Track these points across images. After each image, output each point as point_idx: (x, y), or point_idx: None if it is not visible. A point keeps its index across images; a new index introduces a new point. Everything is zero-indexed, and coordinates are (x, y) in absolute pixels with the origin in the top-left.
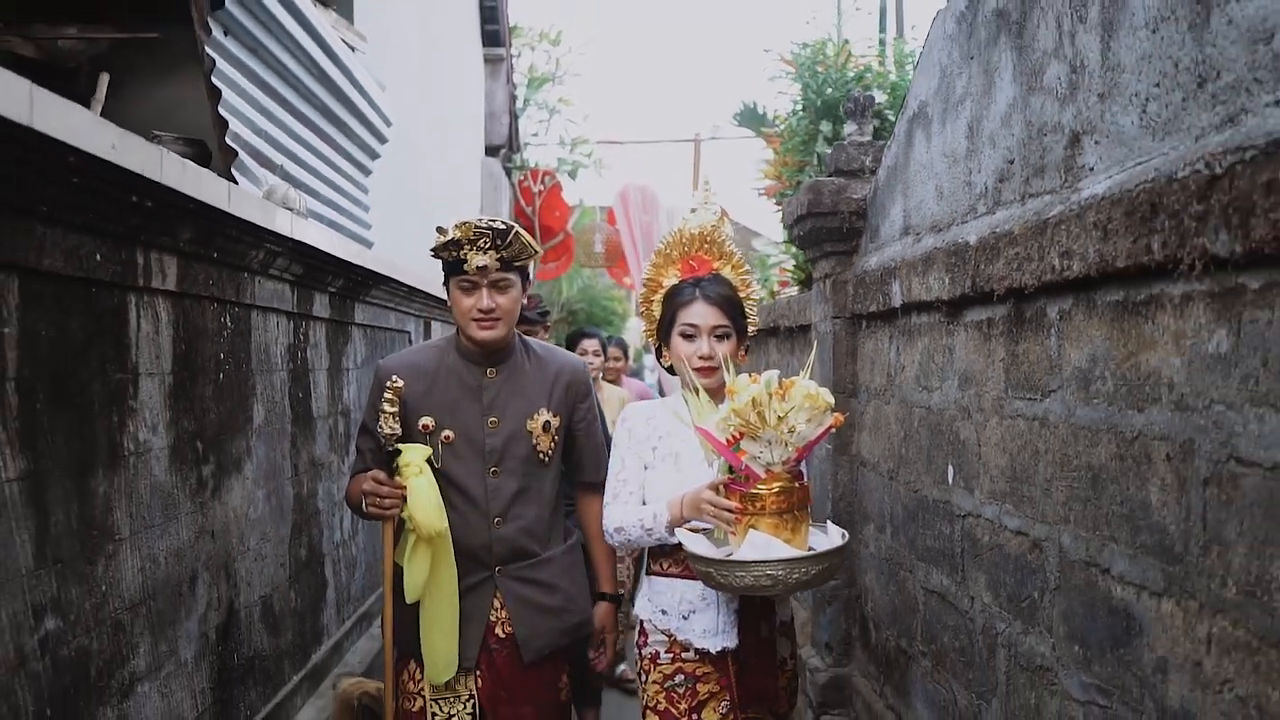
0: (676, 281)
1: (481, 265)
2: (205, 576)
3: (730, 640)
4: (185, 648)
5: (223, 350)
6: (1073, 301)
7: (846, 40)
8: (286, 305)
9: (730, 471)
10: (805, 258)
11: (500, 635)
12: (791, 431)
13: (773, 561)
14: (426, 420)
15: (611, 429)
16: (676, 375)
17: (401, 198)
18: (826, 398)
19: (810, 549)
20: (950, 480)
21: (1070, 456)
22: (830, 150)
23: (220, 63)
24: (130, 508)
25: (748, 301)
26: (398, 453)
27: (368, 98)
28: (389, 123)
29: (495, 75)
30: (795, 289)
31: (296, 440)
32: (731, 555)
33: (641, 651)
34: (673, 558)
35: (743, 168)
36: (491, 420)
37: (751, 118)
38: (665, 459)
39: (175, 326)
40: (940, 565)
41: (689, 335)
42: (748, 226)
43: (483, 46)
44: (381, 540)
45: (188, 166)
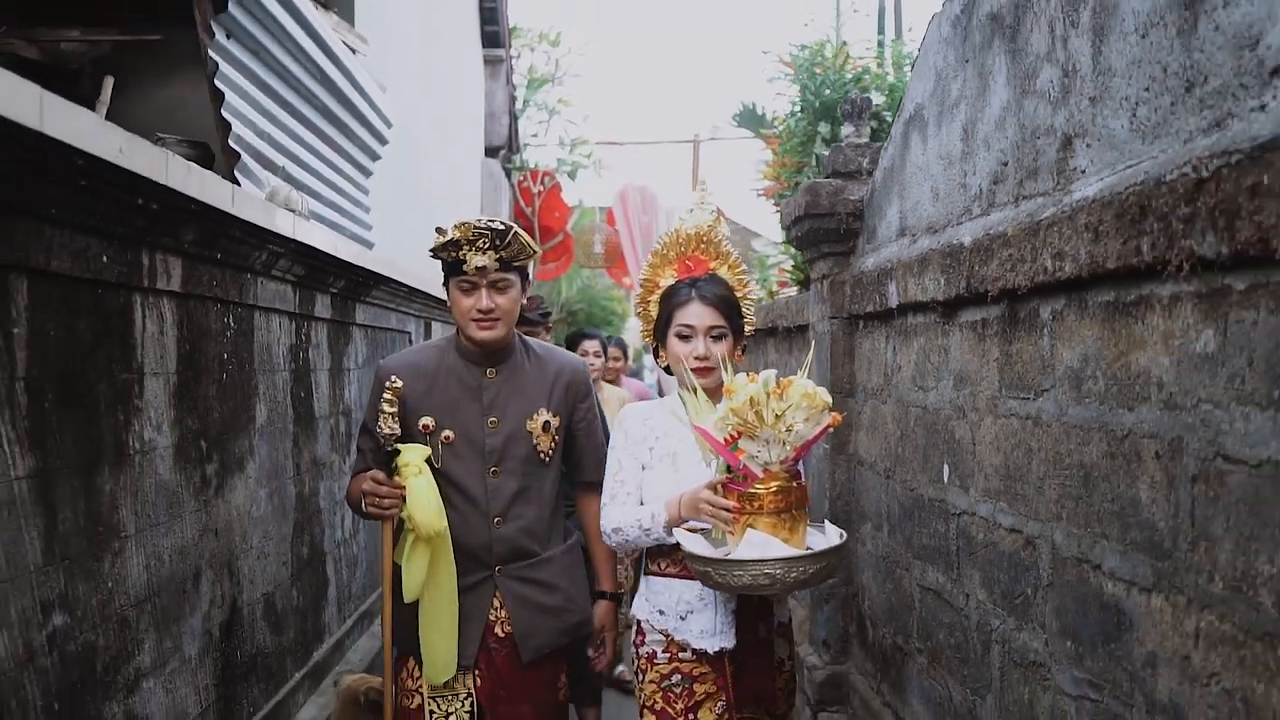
0: (673, 282)
1: (481, 265)
2: (209, 574)
3: (728, 641)
4: (189, 644)
5: (226, 350)
6: (1065, 302)
7: (845, 42)
8: (289, 306)
9: (728, 471)
10: (803, 258)
11: (499, 635)
12: (789, 430)
13: (771, 561)
14: (426, 420)
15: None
16: (674, 375)
17: (402, 199)
18: (824, 397)
19: (808, 548)
20: (946, 479)
21: (1062, 455)
22: (828, 152)
23: (223, 66)
24: (136, 506)
25: (744, 301)
26: (397, 453)
27: (369, 99)
28: (389, 124)
29: (495, 76)
30: (794, 289)
31: (298, 440)
32: (729, 555)
33: (639, 651)
34: (670, 558)
35: (742, 168)
36: (491, 420)
37: (751, 119)
38: (662, 459)
39: (180, 327)
40: (936, 563)
41: (685, 336)
42: (747, 227)
43: (482, 47)
44: (381, 539)
45: (192, 169)
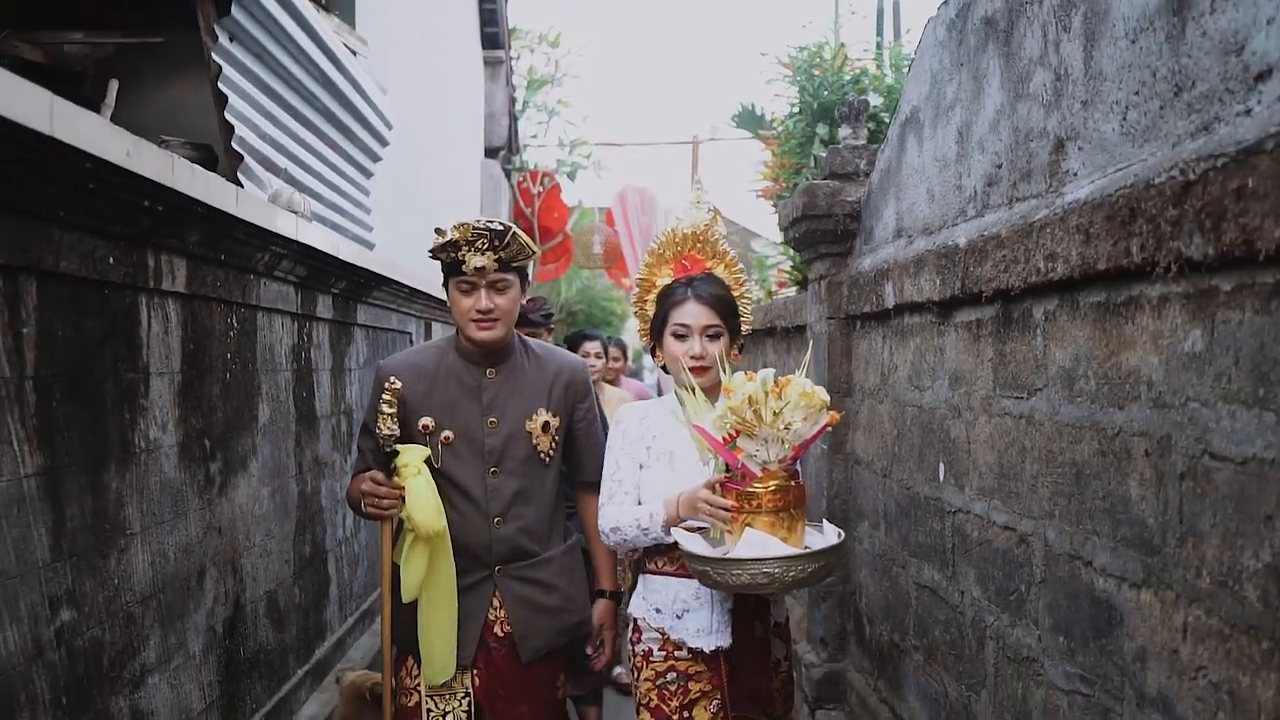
0: (669, 281)
1: (480, 266)
2: (213, 571)
3: (723, 640)
4: (193, 641)
5: (229, 350)
6: (1057, 302)
7: (843, 44)
8: (291, 306)
9: (726, 470)
10: (801, 259)
11: (499, 634)
12: (788, 429)
13: (769, 560)
14: (426, 421)
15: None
16: (671, 374)
17: (402, 200)
18: (822, 395)
19: (806, 547)
20: (941, 477)
21: (1055, 453)
22: (826, 153)
23: (226, 68)
24: (141, 503)
25: (741, 300)
26: (396, 453)
27: (369, 101)
28: (390, 126)
29: (495, 77)
30: (793, 290)
31: (300, 439)
32: (728, 554)
33: (635, 649)
34: (668, 556)
35: (741, 169)
36: (491, 420)
37: (750, 120)
38: (660, 458)
39: (184, 327)
40: (932, 561)
41: (681, 335)
42: (746, 227)
43: (482, 49)
44: (381, 538)
45: (197, 171)
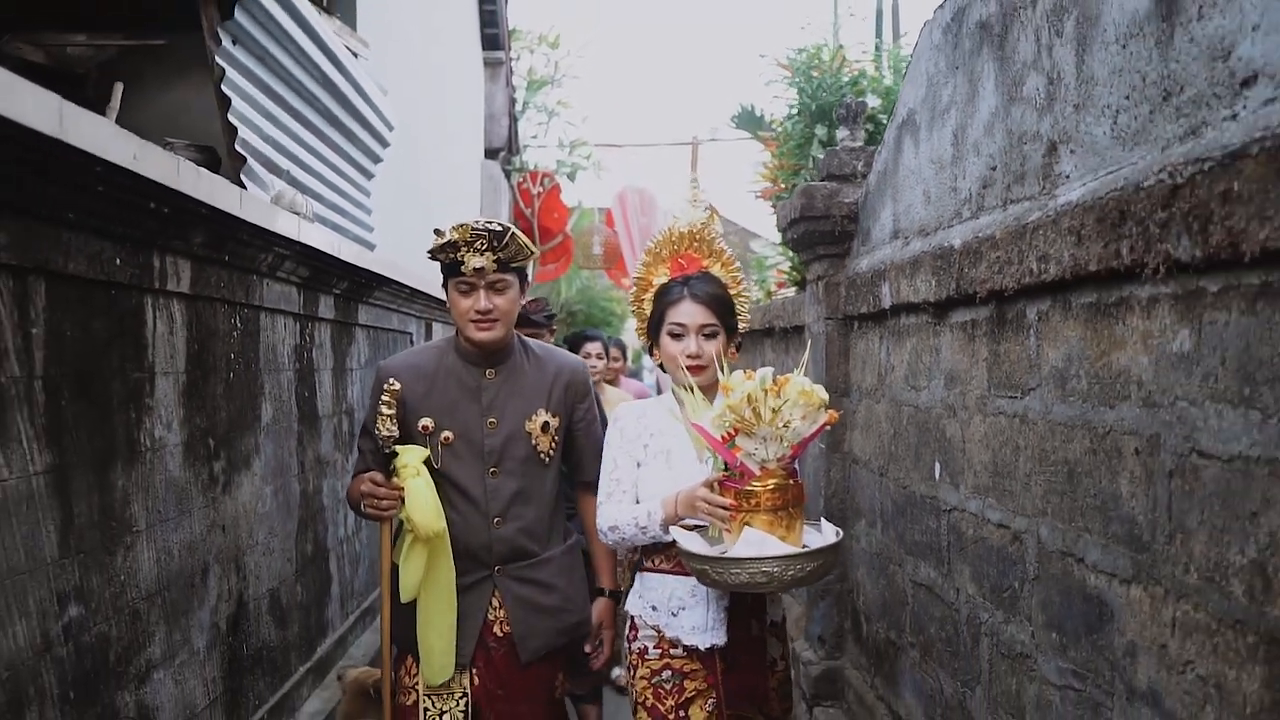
0: (666, 280)
1: (479, 267)
2: (216, 569)
3: (719, 638)
4: (198, 637)
5: (233, 350)
6: (1050, 303)
7: (841, 46)
8: (293, 307)
9: (725, 468)
10: (799, 260)
11: (498, 634)
12: (786, 427)
13: (768, 559)
14: (426, 421)
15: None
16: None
17: (403, 200)
18: (821, 394)
19: (805, 546)
20: (937, 476)
21: (1048, 452)
22: (824, 155)
23: (229, 71)
24: (147, 501)
25: (738, 299)
26: (395, 454)
27: (370, 103)
28: (391, 127)
29: (495, 78)
30: (792, 290)
31: (303, 438)
32: (726, 552)
33: (631, 646)
34: (664, 553)
35: (741, 170)
36: (490, 421)
37: (749, 120)
38: (657, 456)
39: (189, 327)
40: (928, 559)
41: (677, 334)
42: (746, 228)
43: (482, 50)
44: (380, 538)
45: (202, 173)
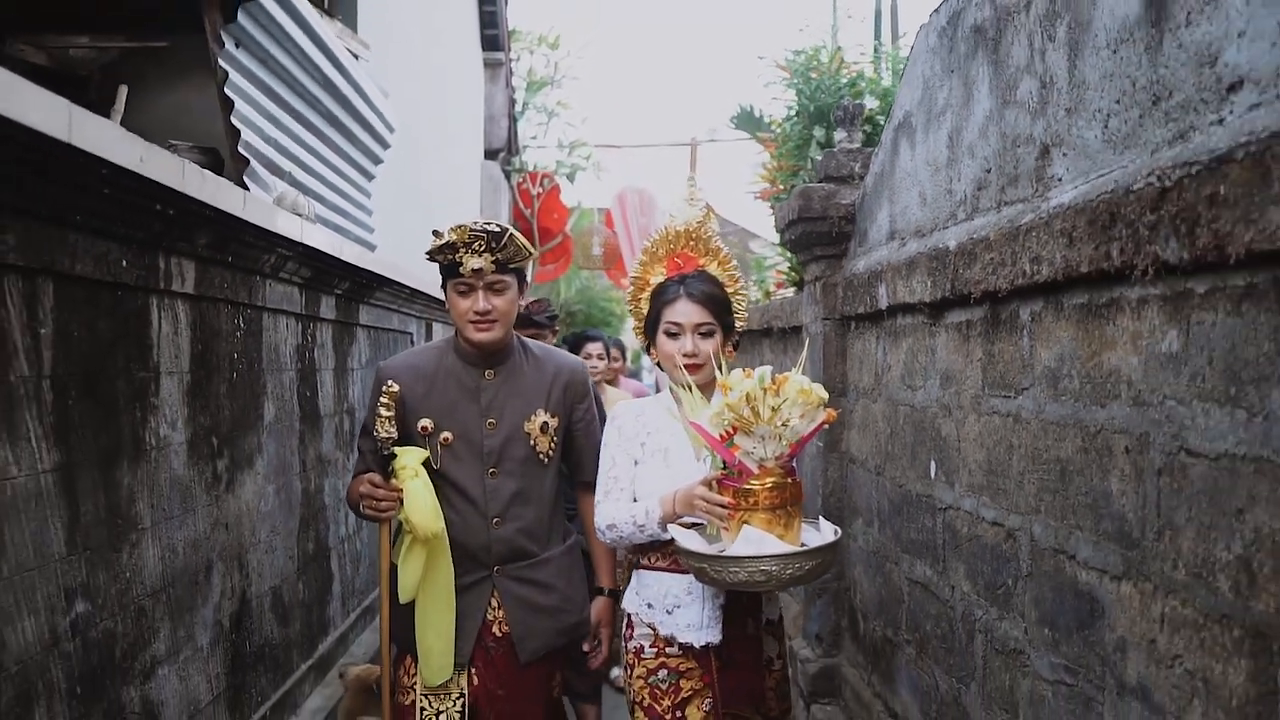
0: (663, 279)
1: (477, 268)
2: (220, 567)
3: (714, 635)
4: (201, 634)
5: (236, 350)
6: (1043, 304)
7: (839, 47)
8: (295, 307)
9: (724, 467)
10: (797, 261)
11: (497, 634)
12: (785, 426)
13: (766, 557)
14: (425, 422)
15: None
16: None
17: (404, 201)
18: (820, 393)
19: (803, 544)
20: (933, 475)
21: (1041, 450)
22: (822, 156)
23: (232, 74)
24: (152, 499)
25: (735, 297)
26: (394, 456)
27: (371, 104)
28: (391, 128)
29: (494, 79)
30: (791, 291)
31: (304, 437)
32: (725, 551)
33: (627, 645)
34: (661, 551)
35: (740, 170)
36: (490, 421)
37: (748, 121)
38: (654, 454)
39: (193, 327)
40: (923, 557)
41: (673, 333)
42: (745, 228)
43: (482, 51)
44: (379, 539)
45: (206, 176)
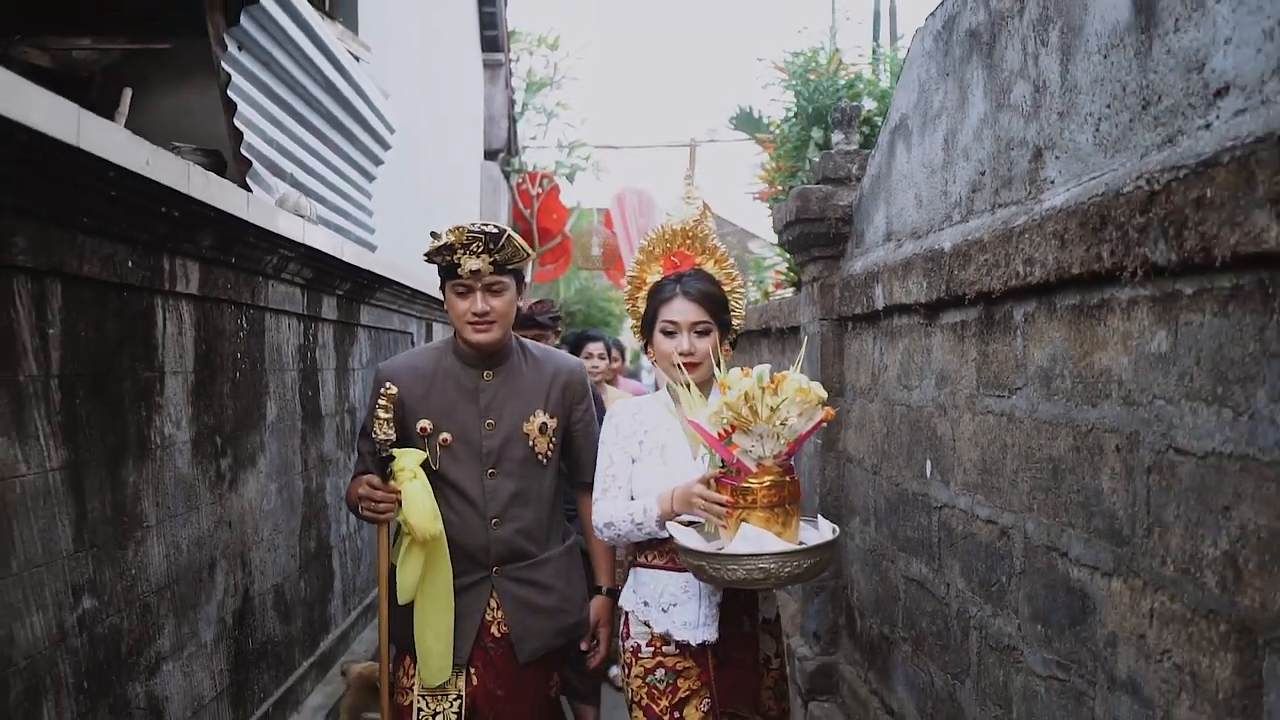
0: (660, 278)
1: (475, 269)
2: (223, 564)
3: (710, 634)
4: (205, 631)
5: (239, 350)
6: (1035, 305)
7: (838, 49)
8: (297, 308)
9: (722, 465)
10: (795, 262)
11: (496, 635)
12: (783, 425)
13: (765, 555)
14: (424, 423)
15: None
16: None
17: (404, 202)
18: (818, 392)
19: (801, 543)
20: (928, 474)
21: (1034, 449)
22: (819, 158)
23: (235, 76)
24: (157, 497)
25: (733, 295)
26: (392, 458)
27: (372, 106)
28: (392, 129)
29: (494, 80)
30: (790, 291)
31: (306, 436)
32: (723, 549)
33: (625, 644)
34: (658, 550)
35: (739, 171)
36: (489, 422)
37: (747, 122)
38: (651, 452)
39: (197, 328)
40: (919, 555)
41: (669, 332)
42: (745, 229)
43: (482, 52)
44: (378, 540)
45: (211, 178)
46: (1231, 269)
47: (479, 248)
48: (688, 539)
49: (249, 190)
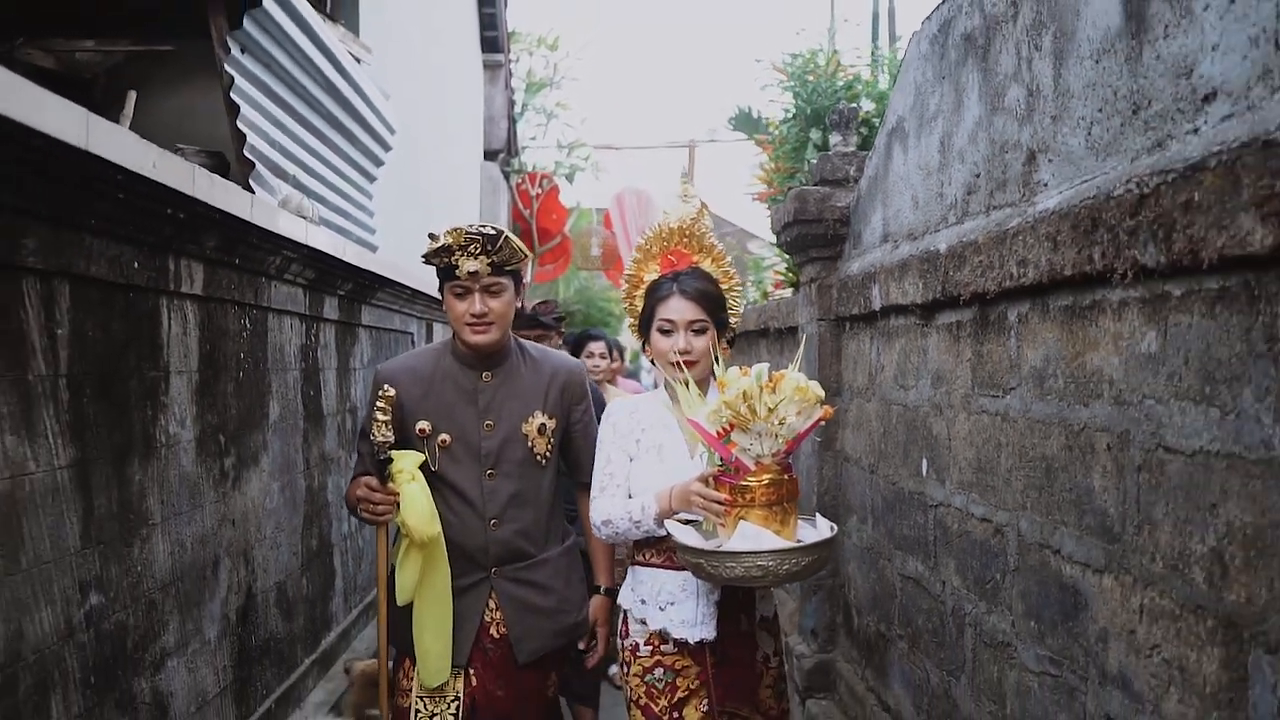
0: (657, 276)
1: (473, 270)
2: (227, 562)
3: (708, 632)
4: (209, 627)
5: (242, 350)
6: (1029, 306)
7: (836, 50)
8: (299, 308)
9: (720, 463)
10: (794, 262)
11: (495, 635)
12: (781, 423)
13: (764, 553)
14: (423, 424)
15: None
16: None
17: (404, 202)
18: (817, 391)
19: (799, 541)
20: (924, 473)
21: (1027, 448)
22: (817, 159)
23: (238, 79)
24: (161, 495)
25: (730, 294)
26: (391, 460)
27: (373, 107)
28: (393, 130)
29: (494, 81)
30: (789, 291)
31: (308, 435)
32: (722, 546)
33: (623, 642)
34: (656, 548)
35: (738, 171)
36: (487, 423)
37: (746, 122)
38: (649, 451)
39: (201, 328)
40: (915, 553)
41: (666, 330)
42: (744, 229)
43: (482, 52)
44: (376, 542)
45: (215, 180)
46: (1218, 271)
47: (476, 249)
48: (686, 537)
49: (252, 192)
